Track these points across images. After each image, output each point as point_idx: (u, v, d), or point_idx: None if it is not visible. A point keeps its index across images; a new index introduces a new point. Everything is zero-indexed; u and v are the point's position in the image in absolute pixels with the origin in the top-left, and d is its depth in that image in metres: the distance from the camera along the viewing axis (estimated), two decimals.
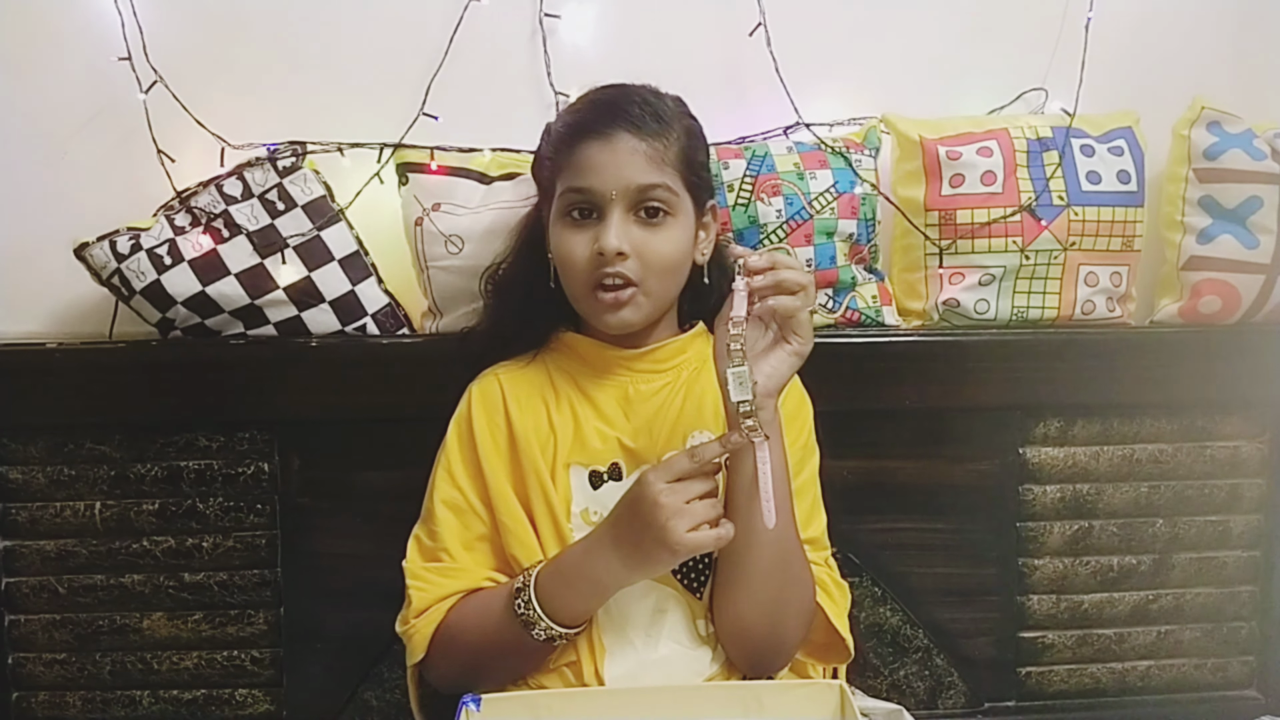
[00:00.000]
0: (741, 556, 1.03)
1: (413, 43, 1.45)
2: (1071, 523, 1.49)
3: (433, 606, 1.08)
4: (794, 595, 1.06)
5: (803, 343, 0.99)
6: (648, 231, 1.07)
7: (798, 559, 1.06)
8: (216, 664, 1.43)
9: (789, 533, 1.04)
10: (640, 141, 1.07)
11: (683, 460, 0.97)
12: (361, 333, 1.40)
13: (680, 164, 1.10)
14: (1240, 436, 1.51)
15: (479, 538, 1.12)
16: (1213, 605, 1.52)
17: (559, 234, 1.10)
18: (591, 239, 1.07)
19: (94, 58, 1.42)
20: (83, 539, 1.41)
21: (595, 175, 1.06)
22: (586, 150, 1.07)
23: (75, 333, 1.47)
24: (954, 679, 1.49)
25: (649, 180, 1.06)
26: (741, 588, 1.04)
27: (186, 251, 1.33)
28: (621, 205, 1.06)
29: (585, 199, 1.08)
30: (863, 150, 1.46)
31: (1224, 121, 1.47)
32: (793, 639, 1.08)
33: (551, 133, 1.15)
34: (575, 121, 1.11)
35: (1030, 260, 1.43)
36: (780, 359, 0.99)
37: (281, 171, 1.39)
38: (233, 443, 1.41)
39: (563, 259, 1.10)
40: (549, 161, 1.13)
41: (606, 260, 1.05)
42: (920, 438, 1.45)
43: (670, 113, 1.11)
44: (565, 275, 1.11)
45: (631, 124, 1.07)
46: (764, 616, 1.05)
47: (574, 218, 1.09)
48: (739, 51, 1.47)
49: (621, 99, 1.10)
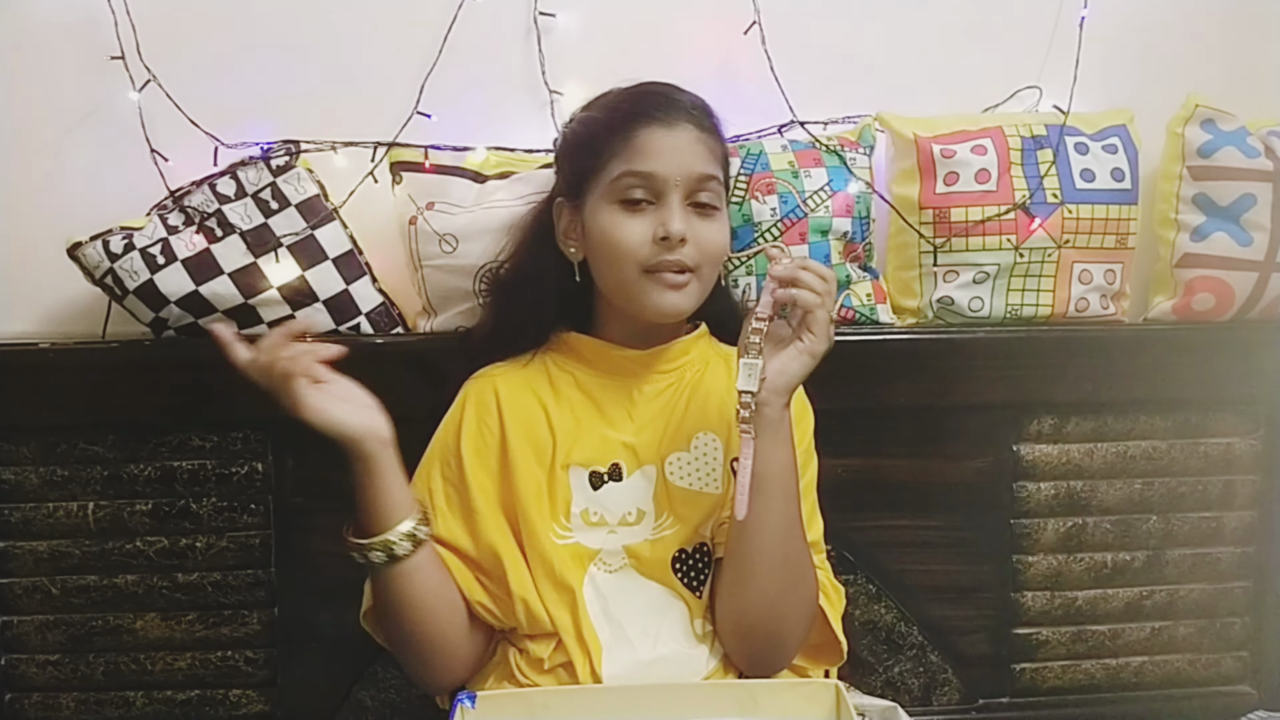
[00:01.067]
0: (746, 553, 1.03)
1: (407, 41, 1.45)
2: (1065, 519, 1.49)
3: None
4: (797, 594, 1.06)
5: (815, 341, 1.00)
6: (702, 221, 1.08)
7: (802, 559, 1.06)
8: (210, 664, 1.43)
9: (794, 531, 1.04)
10: (701, 133, 1.09)
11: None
12: (355, 332, 1.40)
13: (723, 162, 1.13)
14: (1234, 433, 1.52)
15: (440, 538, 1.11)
16: (1206, 601, 1.52)
17: (610, 218, 1.08)
18: (652, 223, 1.06)
19: (87, 56, 1.41)
20: (76, 539, 1.40)
21: (658, 160, 1.06)
22: (650, 135, 1.07)
23: (68, 332, 1.47)
24: (948, 676, 1.50)
25: (708, 171, 1.08)
26: (746, 585, 1.04)
27: (180, 251, 1.33)
28: (680, 193, 1.06)
29: (645, 183, 1.07)
30: (857, 148, 1.46)
31: (1218, 119, 1.47)
32: (795, 638, 1.08)
33: (595, 120, 1.13)
34: (632, 109, 1.10)
35: (1024, 258, 1.43)
36: (792, 356, 1.00)
37: (275, 170, 1.38)
38: (226, 442, 1.40)
39: (613, 243, 1.07)
40: (599, 144, 1.10)
41: (670, 245, 1.05)
42: (915, 435, 1.45)
43: (714, 114, 1.13)
44: (615, 260, 1.08)
45: (691, 116, 1.09)
46: (766, 614, 1.05)
47: (630, 203, 1.07)
48: (733, 49, 1.47)
49: (676, 93, 1.12)
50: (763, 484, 1.01)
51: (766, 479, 1.01)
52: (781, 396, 1.01)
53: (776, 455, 1.02)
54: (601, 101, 1.16)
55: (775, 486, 1.02)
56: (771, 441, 1.01)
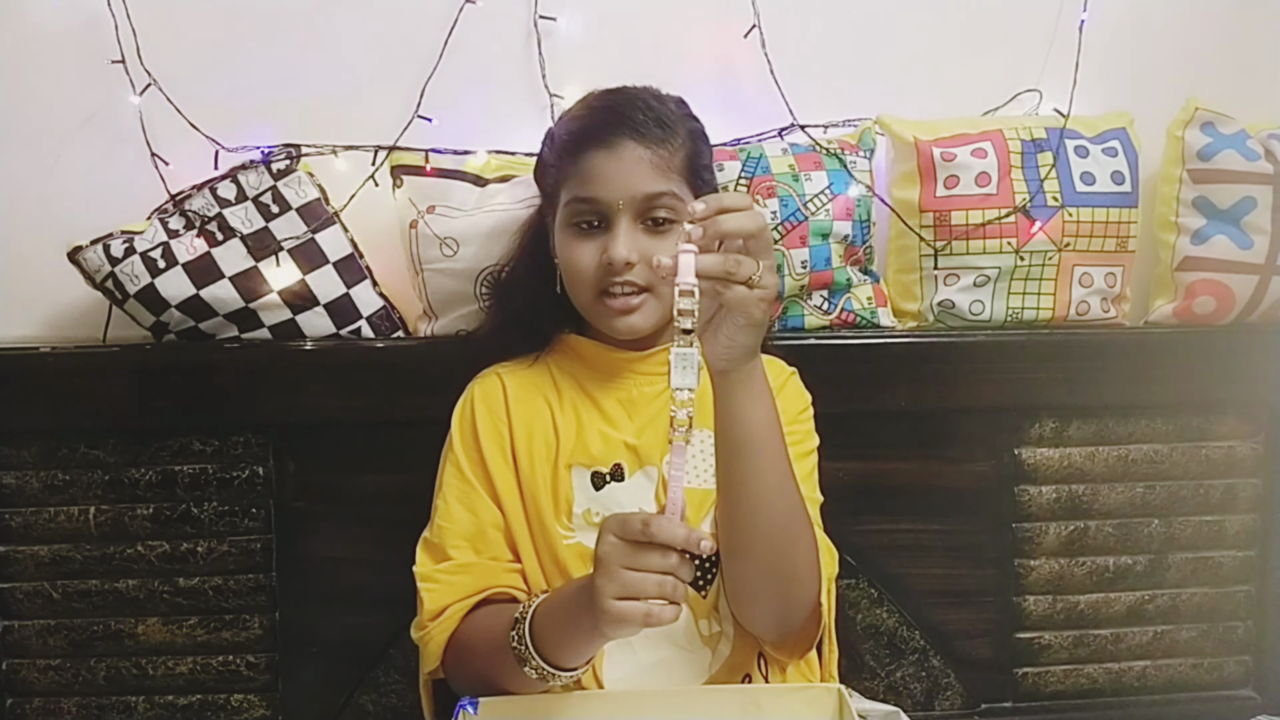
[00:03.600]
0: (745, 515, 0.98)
1: (407, 45, 1.45)
2: (1067, 523, 1.49)
3: (448, 609, 1.07)
4: (798, 553, 1.01)
5: (750, 318, 0.88)
6: (656, 240, 1.06)
7: (800, 513, 1.01)
8: (212, 669, 1.42)
9: (788, 486, 0.99)
10: (645, 149, 1.06)
11: (636, 523, 0.85)
12: (356, 336, 1.40)
13: (685, 170, 1.09)
14: (1235, 436, 1.51)
15: (493, 525, 1.11)
16: (1208, 605, 1.52)
17: (565, 243, 1.10)
18: (598, 248, 1.06)
19: (87, 61, 1.42)
20: (77, 544, 1.40)
21: (601, 185, 1.06)
22: (591, 160, 1.06)
23: (69, 337, 1.46)
24: (950, 680, 1.49)
25: (655, 189, 1.06)
26: (747, 554, 1.00)
27: (180, 255, 1.33)
28: (629, 215, 1.06)
29: (591, 209, 1.07)
30: (858, 152, 1.46)
31: (1218, 122, 1.47)
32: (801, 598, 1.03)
33: (554, 139, 1.14)
34: (578, 130, 1.10)
35: (1025, 261, 1.43)
36: (736, 331, 0.89)
37: (275, 174, 1.38)
38: (227, 447, 1.40)
39: (569, 267, 1.10)
40: (553, 169, 1.12)
41: (615, 270, 1.05)
42: (916, 439, 1.45)
43: (673, 117, 1.10)
44: (572, 283, 1.11)
45: (636, 131, 1.06)
46: (774, 581, 1.01)
47: (580, 228, 1.08)
48: (734, 53, 1.47)
49: (624, 105, 1.09)
50: (748, 446, 0.95)
51: (750, 440, 0.95)
52: (743, 360, 0.91)
53: (757, 411, 0.94)
54: (568, 114, 1.16)
55: (762, 445, 0.96)
56: (747, 398, 0.94)
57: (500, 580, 1.09)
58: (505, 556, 1.11)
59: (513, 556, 1.11)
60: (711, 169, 1.16)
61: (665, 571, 0.85)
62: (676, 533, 0.84)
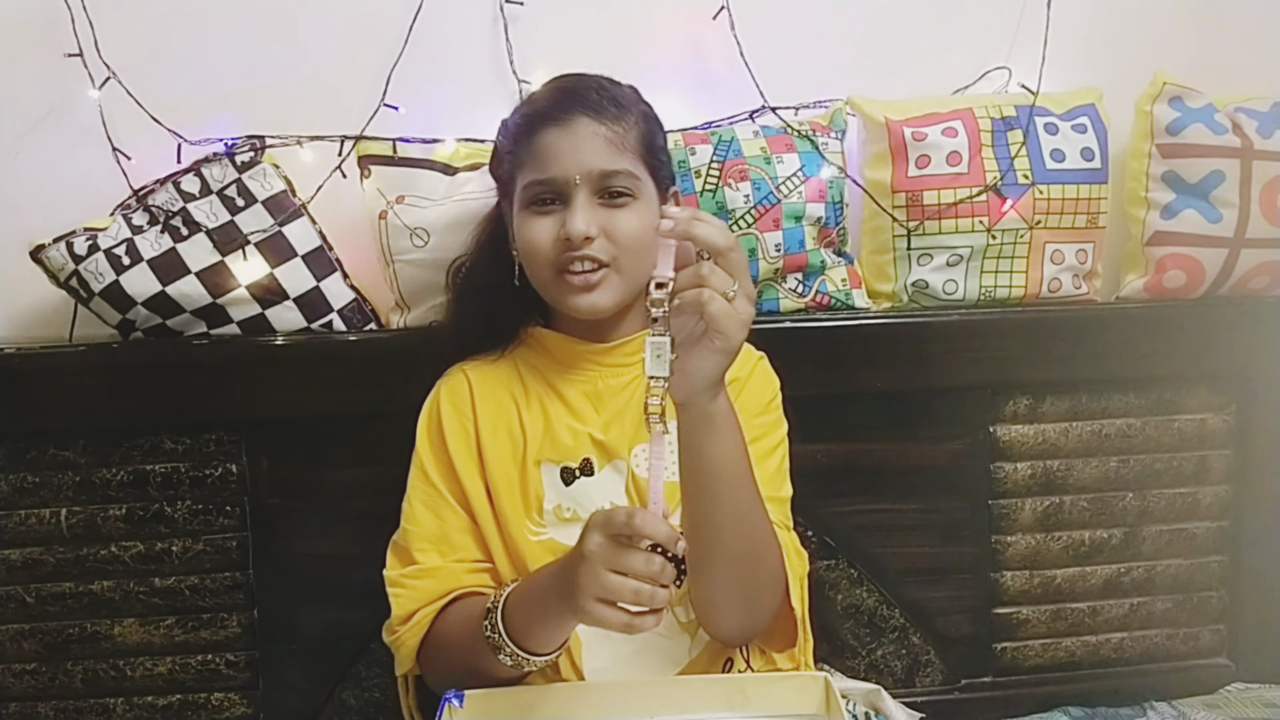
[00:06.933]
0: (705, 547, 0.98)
1: (371, 32, 1.42)
2: (1043, 499, 1.50)
3: (416, 613, 1.07)
4: (763, 572, 1.02)
5: (727, 340, 0.86)
6: (614, 211, 1.06)
7: (765, 534, 1.01)
8: (191, 669, 1.41)
9: (752, 515, 0.99)
10: (600, 126, 1.06)
11: (621, 516, 0.86)
12: (328, 329, 1.38)
13: (641, 148, 1.09)
14: (1207, 409, 1.53)
15: (459, 530, 1.11)
16: (1183, 576, 1.54)
17: (523, 223, 1.08)
18: (556, 224, 1.06)
19: (43, 54, 1.39)
20: (49, 547, 1.38)
21: (556, 163, 1.05)
22: (546, 138, 1.06)
23: (34, 337, 1.44)
24: (931, 657, 1.51)
25: (612, 166, 1.05)
26: (710, 577, 1.00)
27: (145, 251, 1.31)
28: (586, 190, 1.05)
29: (548, 189, 1.06)
30: (829, 133, 1.46)
31: (1185, 96, 1.48)
32: (767, 608, 1.05)
33: (508, 126, 1.13)
34: (532, 111, 1.09)
35: (997, 240, 1.44)
36: (705, 358, 0.88)
37: (240, 167, 1.36)
38: (199, 444, 1.39)
39: (527, 247, 1.08)
40: (508, 155, 1.12)
41: (574, 244, 1.04)
42: (892, 419, 1.46)
43: (627, 99, 1.11)
44: (531, 263, 1.09)
45: (590, 109, 1.06)
46: (738, 599, 1.02)
47: (538, 205, 1.07)
48: (703, 36, 1.46)
49: (578, 85, 1.09)
50: (711, 482, 0.94)
51: (712, 476, 0.94)
52: (704, 393, 0.90)
53: (721, 448, 0.93)
54: (518, 105, 1.16)
55: (725, 479, 0.95)
56: (709, 436, 0.92)
57: (465, 582, 1.09)
58: (472, 557, 1.10)
59: (482, 556, 1.11)
60: (667, 152, 1.16)
61: (648, 577, 0.85)
62: (660, 528, 0.85)
